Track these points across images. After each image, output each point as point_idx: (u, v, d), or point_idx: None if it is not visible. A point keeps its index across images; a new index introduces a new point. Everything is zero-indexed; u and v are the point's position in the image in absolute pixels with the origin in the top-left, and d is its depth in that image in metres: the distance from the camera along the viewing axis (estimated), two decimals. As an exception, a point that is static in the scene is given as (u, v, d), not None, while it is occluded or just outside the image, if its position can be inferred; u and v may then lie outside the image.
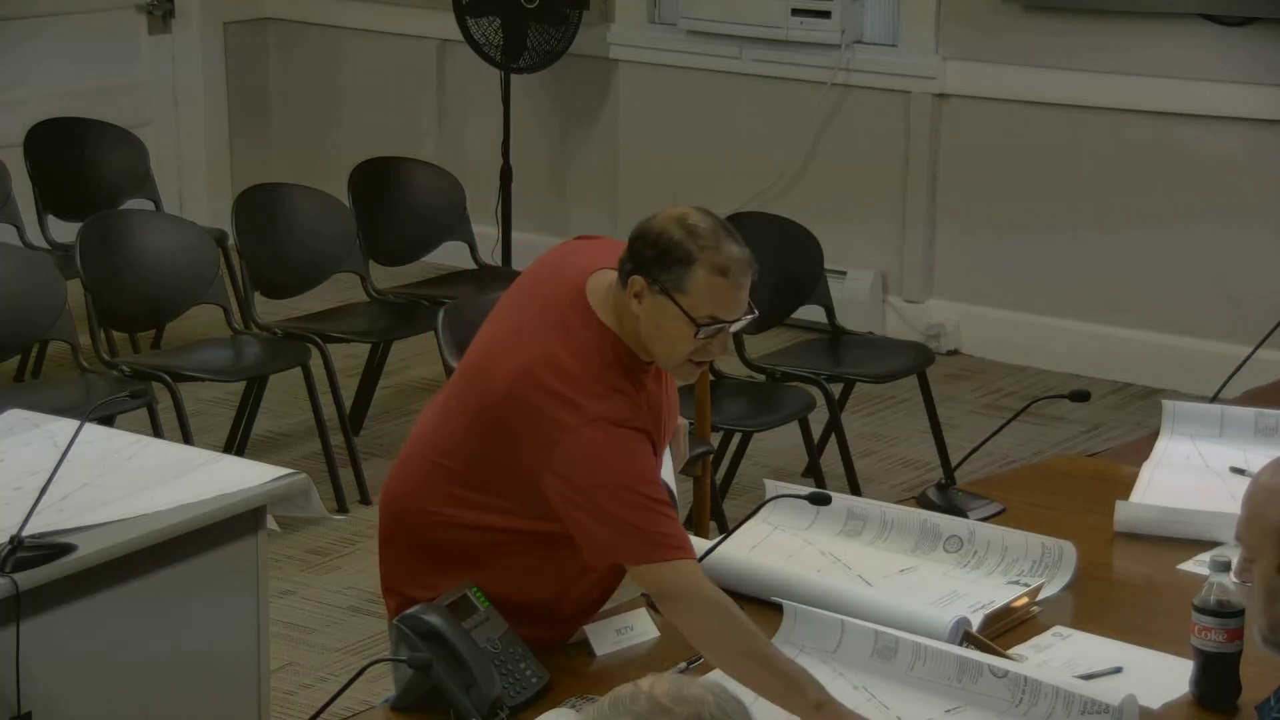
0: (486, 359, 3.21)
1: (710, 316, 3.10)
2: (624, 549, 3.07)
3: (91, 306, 5.85)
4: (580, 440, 3.06)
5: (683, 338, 3.11)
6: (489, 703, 2.90)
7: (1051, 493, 3.88)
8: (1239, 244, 6.98)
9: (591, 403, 3.08)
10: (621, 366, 3.14)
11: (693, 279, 3.08)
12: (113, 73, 8.33)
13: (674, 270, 3.08)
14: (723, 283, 3.09)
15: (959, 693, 2.96)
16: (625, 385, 3.13)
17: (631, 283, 3.11)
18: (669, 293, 3.08)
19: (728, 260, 3.10)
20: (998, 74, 7.33)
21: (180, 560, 3.57)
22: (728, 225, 3.16)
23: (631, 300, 3.11)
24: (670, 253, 3.08)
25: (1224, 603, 2.98)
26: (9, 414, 3.98)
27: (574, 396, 3.08)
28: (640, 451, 3.11)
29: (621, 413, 3.10)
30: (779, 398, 5.76)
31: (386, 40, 8.61)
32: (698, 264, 3.08)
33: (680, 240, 3.08)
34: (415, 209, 6.87)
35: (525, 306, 3.24)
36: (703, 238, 3.09)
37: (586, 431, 3.06)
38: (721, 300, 3.11)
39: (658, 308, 3.10)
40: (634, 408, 3.12)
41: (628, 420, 3.10)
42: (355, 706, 3.53)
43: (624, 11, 8.05)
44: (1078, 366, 7.25)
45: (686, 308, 3.09)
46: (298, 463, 5.57)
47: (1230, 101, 6.91)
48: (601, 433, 3.06)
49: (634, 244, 3.13)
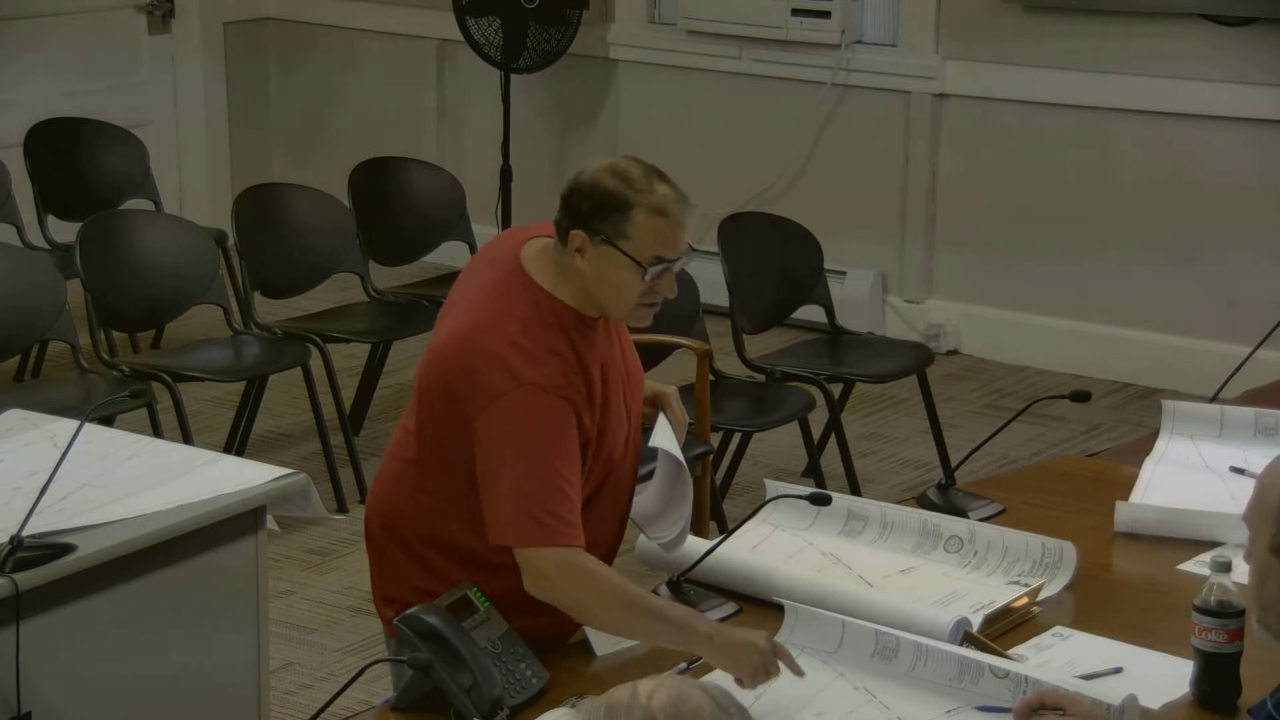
0: (433, 346, 3.26)
1: (655, 257, 3.15)
2: (517, 529, 3.10)
3: (91, 306, 5.84)
4: (508, 406, 3.10)
5: (631, 283, 3.16)
6: (489, 703, 2.90)
7: (1051, 493, 3.88)
8: (1239, 244, 6.98)
9: (528, 368, 3.11)
10: (564, 328, 3.17)
11: (633, 223, 3.13)
12: (112, 73, 8.33)
13: (613, 218, 3.13)
14: (663, 222, 3.14)
15: (960, 693, 2.96)
16: (564, 348, 3.16)
17: (572, 238, 3.15)
18: (611, 241, 3.13)
19: (663, 200, 3.14)
20: (998, 74, 7.33)
21: (180, 560, 3.57)
22: (658, 169, 3.20)
23: (574, 256, 3.16)
24: (607, 202, 3.13)
25: (1224, 603, 2.98)
26: (9, 414, 3.98)
27: (511, 361, 3.11)
28: (565, 424, 3.12)
29: (554, 379, 3.13)
30: (779, 398, 5.76)
31: (386, 40, 8.62)
32: (636, 208, 3.13)
33: (615, 188, 3.13)
34: (415, 209, 6.87)
35: (467, 295, 3.28)
36: (636, 182, 3.14)
37: (517, 397, 3.10)
38: (664, 239, 3.15)
39: (602, 258, 3.15)
40: (567, 374, 3.14)
41: (559, 388, 3.12)
42: (355, 706, 3.54)
43: (624, 11, 8.05)
44: (1078, 366, 7.25)
45: (631, 252, 3.13)
46: (298, 463, 5.57)
47: (1230, 101, 6.91)
48: (531, 400, 3.10)
49: (568, 200, 3.17)
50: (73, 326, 5.65)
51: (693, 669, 3.08)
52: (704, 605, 3.27)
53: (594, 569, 3.11)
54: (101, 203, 6.85)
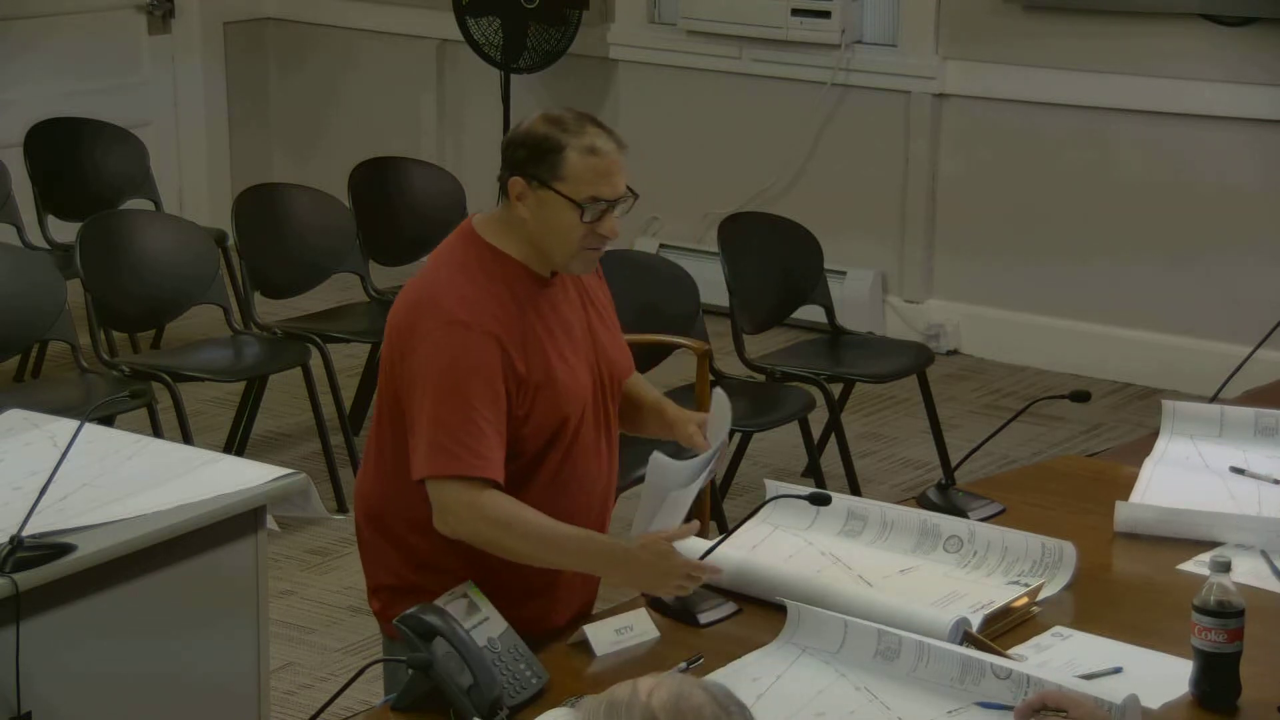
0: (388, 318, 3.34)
1: (591, 196, 3.21)
2: (428, 459, 3.16)
3: (91, 306, 5.85)
4: (433, 343, 3.17)
5: (571, 225, 3.22)
6: (489, 703, 2.90)
7: (1051, 493, 3.88)
8: (1239, 244, 6.98)
9: (456, 307, 3.18)
10: (506, 279, 3.24)
11: (566, 163, 3.19)
12: (113, 73, 8.34)
13: (547, 161, 3.20)
14: (596, 161, 3.20)
15: (961, 693, 2.96)
16: (501, 291, 3.22)
17: (511, 186, 3.23)
18: (547, 184, 3.20)
19: (594, 140, 3.21)
20: (997, 74, 7.33)
21: (180, 560, 3.57)
22: (592, 115, 3.28)
23: (515, 205, 3.23)
24: (540, 145, 3.21)
25: (1224, 603, 2.98)
26: (9, 414, 3.98)
27: (443, 302, 3.20)
28: (487, 359, 3.17)
29: (480, 317, 3.18)
30: (779, 398, 5.76)
31: (386, 40, 8.62)
32: (568, 149, 3.19)
33: (547, 132, 3.21)
34: (415, 209, 6.87)
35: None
36: (568, 124, 3.22)
37: (441, 333, 3.17)
38: (598, 178, 3.21)
39: (540, 202, 3.22)
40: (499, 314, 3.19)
41: (484, 324, 3.18)
42: (355, 706, 3.54)
43: (624, 11, 8.05)
44: (1078, 366, 7.25)
45: (567, 193, 3.20)
46: (298, 463, 5.57)
47: (1230, 101, 6.91)
48: (454, 335, 3.16)
49: (505, 152, 3.25)
50: (73, 326, 5.65)
51: (693, 668, 3.08)
52: (703, 605, 3.27)
53: (498, 507, 3.16)
54: (101, 203, 6.86)
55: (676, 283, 5.64)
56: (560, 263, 3.27)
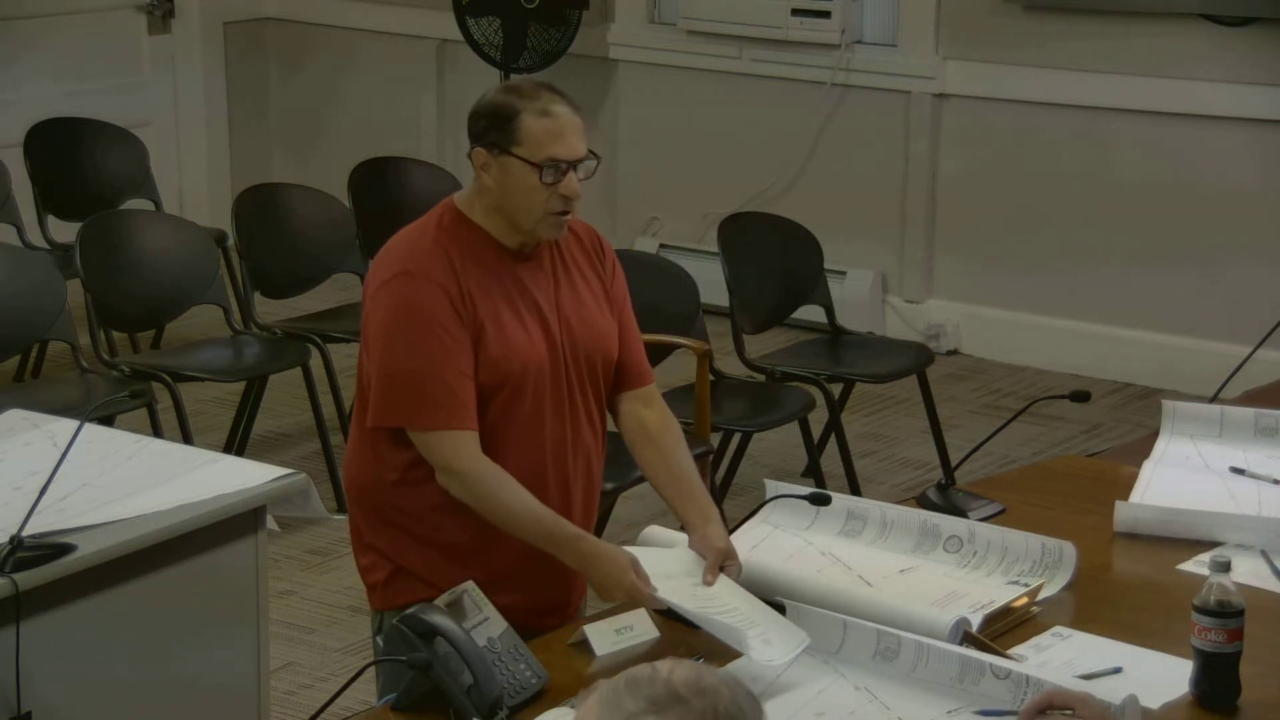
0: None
1: (549, 157, 3.28)
2: (395, 406, 3.28)
3: (91, 306, 5.85)
4: (386, 292, 3.29)
5: (532, 188, 3.29)
6: (489, 703, 2.90)
7: (1051, 493, 3.88)
8: (1239, 244, 6.98)
9: (407, 259, 3.30)
10: (463, 241, 3.32)
11: (522, 127, 3.28)
12: (112, 73, 8.34)
13: (505, 128, 3.29)
14: (550, 123, 3.29)
15: (961, 694, 2.95)
16: (453, 247, 3.31)
17: (475, 157, 3.33)
18: (506, 150, 3.29)
19: (548, 103, 3.31)
20: (997, 74, 7.34)
21: (180, 560, 3.57)
22: (550, 84, 3.38)
23: (481, 175, 3.33)
24: (497, 114, 3.31)
25: (1224, 603, 2.98)
26: (9, 414, 3.98)
27: (399, 255, 3.32)
28: (432, 306, 3.26)
29: (427, 267, 3.28)
30: (779, 398, 5.76)
31: (386, 40, 8.62)
32: (523, 114, 3.29)
33: (503, 100, 3.32)
34: (415, 209, 6.75)
35: None
36: (522, 91, 3.33)
37: (394, 283, 3.28)
38: (554, 139, 3.30)
39: (502, 169, 3.30)
40: (444, 267, 3.28)
41: (430, 273, 3.27)
42: (355, 706, 3.53)
43: (624, 11, 8.05)
44: (1078, 366, 7.25)
45: (525, 155, 3.28)
46: (298, 463, 5.58)
47: (1230, 101, 6.91)
48: (402, 285, 3.27)
49: (469, 125, 3.35)
50: (73, 326, 5.65)
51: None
52: (704, 605, 3.28)
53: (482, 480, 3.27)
54: (101, 203, 6.86)
55: (676, 283, 5.64)
56: (527, 227, 3.34)
